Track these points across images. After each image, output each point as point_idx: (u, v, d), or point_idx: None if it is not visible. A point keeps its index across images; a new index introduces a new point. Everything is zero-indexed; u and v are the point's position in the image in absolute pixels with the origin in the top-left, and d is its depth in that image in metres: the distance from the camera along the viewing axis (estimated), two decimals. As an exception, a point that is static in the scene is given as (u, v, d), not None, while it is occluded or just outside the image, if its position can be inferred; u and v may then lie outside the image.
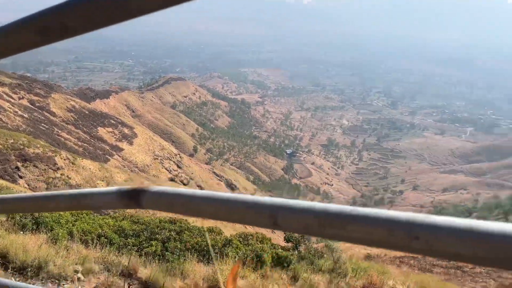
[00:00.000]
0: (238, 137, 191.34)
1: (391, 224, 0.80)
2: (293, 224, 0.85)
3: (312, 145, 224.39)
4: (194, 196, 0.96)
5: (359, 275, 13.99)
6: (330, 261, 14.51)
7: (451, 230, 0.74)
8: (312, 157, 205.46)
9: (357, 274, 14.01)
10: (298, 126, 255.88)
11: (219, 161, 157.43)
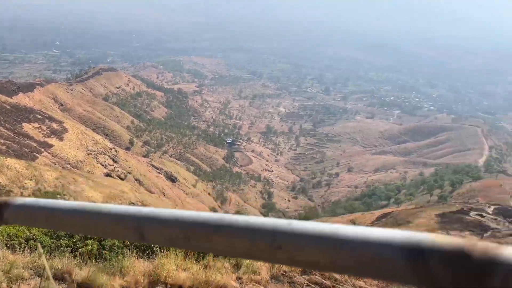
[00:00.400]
0: (176, 127, 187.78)
1: (254, 234, 0.79)
2: (159, 237, 0.82)
3: (251, 133, 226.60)
4: (57, 209, 0.85)
5: (299, 257, 14.49)
6: (272, 246, 14.86)
7: (312, 238, 0.73)
8: (252, 145, 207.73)
9: (297, 256, 14.49)
10: (237, 114, 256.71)
11: (158, 153, 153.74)
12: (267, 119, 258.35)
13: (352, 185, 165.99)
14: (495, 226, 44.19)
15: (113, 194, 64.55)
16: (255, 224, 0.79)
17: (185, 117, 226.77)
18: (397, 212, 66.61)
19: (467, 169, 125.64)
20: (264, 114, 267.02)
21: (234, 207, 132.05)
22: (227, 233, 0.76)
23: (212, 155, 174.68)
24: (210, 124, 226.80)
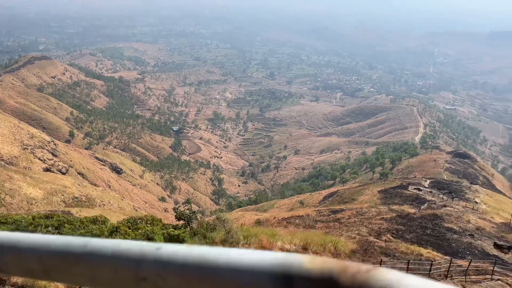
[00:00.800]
0: (120, 117, 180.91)
1: (118, 261, 0.69)
2: (17, 269, 0.72)
3: (198, 120, 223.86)
4: None
5: (250, 241, 14.72)
6: (222, 232, 14.95)
7: (178, 265, 0.68)
8: (199, 132, 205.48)
9: (248, 240, 14.71)
10: (183, 101, 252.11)
11: (101, 145, 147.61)
12: (214, 105, 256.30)
13: (300, 167, 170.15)
14: (431, 198, 47.39)
15: (54, 189, 61.34)
16: (121, 250, 0.69)
17: (128, 106, 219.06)
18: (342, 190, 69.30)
19: (405, 147, 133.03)
20: (210, 100, 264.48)
21: (184, 195, 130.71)
22: (90, 262, 0.66)
23: (158, 144, 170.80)
24: (155, 112, 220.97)
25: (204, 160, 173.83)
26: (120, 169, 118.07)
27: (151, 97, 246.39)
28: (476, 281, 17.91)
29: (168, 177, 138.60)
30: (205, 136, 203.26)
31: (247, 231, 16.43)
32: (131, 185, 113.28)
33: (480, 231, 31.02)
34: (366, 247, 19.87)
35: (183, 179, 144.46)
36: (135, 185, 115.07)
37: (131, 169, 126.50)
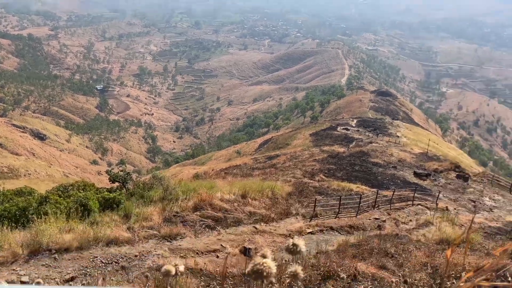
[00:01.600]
0: (35, 79, 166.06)
1: None
2: None
3: (123, 76, 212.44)
4: None
5: (190, 196, 14.77)
6: (160, 190, 14.81)
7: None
8: (126, 90, 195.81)
9: (187, 195, 14.75)
10: (104, 58, 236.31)
11: (17, 111, 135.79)
12: (139, 59, 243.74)
13: (234, 118, 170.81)
14: (358, 136, 50.37)
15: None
16: None
17: (43, 66, 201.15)
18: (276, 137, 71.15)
19: (332, 89, 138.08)
20: (134, 54, 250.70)
21: (117, 157, 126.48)
22: None
23: (83, 105, 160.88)
24: (74, 71, 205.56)
25: (135, 118, 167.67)
26: (43, 135, 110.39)
27: (68, 55, 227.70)
28: (399, 208, 19.78)
29: (97, 139, 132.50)
30: (132, 93, 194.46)
31: (185, 186, 16.42)
32: (58, 150, 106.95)
33: (402, 163, 33.85)
34: (301, 189, 20.89)
35: (114, 140, 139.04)
36: (62, 151, 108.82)
37: (56, 134, 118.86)
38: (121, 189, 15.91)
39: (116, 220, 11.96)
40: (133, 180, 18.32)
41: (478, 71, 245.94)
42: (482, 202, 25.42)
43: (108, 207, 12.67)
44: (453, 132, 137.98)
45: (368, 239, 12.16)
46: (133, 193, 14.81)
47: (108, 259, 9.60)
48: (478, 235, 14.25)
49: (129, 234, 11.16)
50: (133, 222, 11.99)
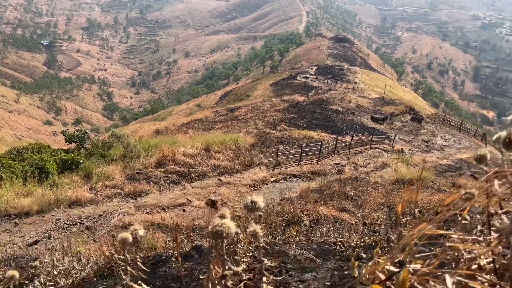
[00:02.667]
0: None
1: None
2: None
3: (71, 30, 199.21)
4: None
5: (151, 152, 14.59)
6: (120, 148, 14.50)
7: None
8: (75, 44, 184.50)
9: (149, 152, 14.55)
10: (47, 10, 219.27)
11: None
12: (86, 11, 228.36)
13: (192, 70, 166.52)
14: (317, 84, 50.80)
15: None
16: None
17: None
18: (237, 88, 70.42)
19: (291, 37, 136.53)
20: (80, 5, 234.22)
21: (72, 116, 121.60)
22: None
23: (29, 63, 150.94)
24: (15, 26, 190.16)
25: (87, 75, 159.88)
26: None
27: (7, 8, 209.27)
28: (358, 152, 20.55)
29: (49, 98, 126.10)
30: (82, 48, 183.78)
31: (146, 143, 16.16)
32: (7, 112, 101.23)
33: (360, 108, 34.74)
34: (263, 139, 21.13)
35: (67, 98, 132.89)
36: (11, 112, 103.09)
37: (2, 95, 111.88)
38: (79, 150, 15.44)
39: (76, 181, 11.70)
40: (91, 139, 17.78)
41: (431, 13, 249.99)
42: (434, 142, 26.85)
43: (67, 168, 12.33)
44: (408, 76, 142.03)
45: (329, 184, 12.64)
46: (93, 152, 14.42)
47: (72, 221, 9.49)
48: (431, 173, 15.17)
49: (91, 194, 11.00)
50: (95, 182, 11.79)
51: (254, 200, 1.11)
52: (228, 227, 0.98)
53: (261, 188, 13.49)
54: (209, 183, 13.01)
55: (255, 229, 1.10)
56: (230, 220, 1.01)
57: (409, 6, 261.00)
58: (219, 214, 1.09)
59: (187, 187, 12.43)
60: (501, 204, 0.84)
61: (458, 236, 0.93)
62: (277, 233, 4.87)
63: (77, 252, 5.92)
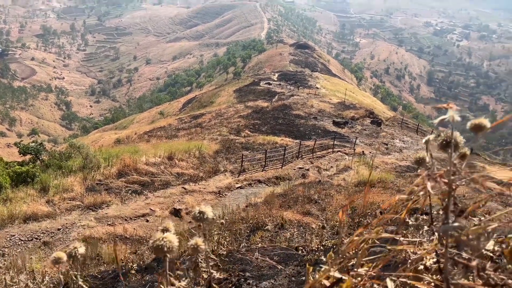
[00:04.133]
0: None
1: None
2: None
3: (24, 37, 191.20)
4: None
5: (112, 162, 14.19)
6: (79, 159, 14.01)
7: None
8: (29, 52, 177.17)
9: (109, 162, 14.15)
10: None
11: None
12: (41, 18, 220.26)
13: (154, 77, 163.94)
14: (280, 90, 51.36)
15: None
16: None
17: None
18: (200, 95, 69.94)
19: (253, 44, 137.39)
20: (35, 12, 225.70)
21: (28, 126, 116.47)
22: None
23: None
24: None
25: (43, 84, 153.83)
26: None
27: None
28: (321, 156, 20.90)
29: (2, 108, 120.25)
30: (37, 55, 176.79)
31: (107, 153, 15.71)
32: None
33: (322, 113, 35.41)
34: (228, 146, 21.07)
35: (22, 109, 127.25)
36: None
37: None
38: (35, 162, 14.78)
39: (32, 194, 11.19)
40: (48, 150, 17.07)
41: (387, 21, 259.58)
42: (394, 144, 27.76)
43: (22, 181, 11.77)
44: (367, 81, 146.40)
45: (293, 188, 12.77)
46: (49, 164, 13.85)
47: (27, 236, 9.06)
48: (391, 174, 15.65)
49: (49, 207, 10.54)
50: (52, 195, 11.31)
51: (202, 211, 1.07)
52: (169, 241, 0.94)
53: (227, 195, 13.42)
54: (173, 192, 12.80)
55: (196, 242, 1.06)
56: (172, 234, 0.96)
57: (366, 13, 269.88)
58: (161, 227, 1.03)
59: (150, 197, 12.18)
60: (443, 203, 0.86)
61: (401, 238, 0.95)
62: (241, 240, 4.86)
63: (32, 269, 5.65)
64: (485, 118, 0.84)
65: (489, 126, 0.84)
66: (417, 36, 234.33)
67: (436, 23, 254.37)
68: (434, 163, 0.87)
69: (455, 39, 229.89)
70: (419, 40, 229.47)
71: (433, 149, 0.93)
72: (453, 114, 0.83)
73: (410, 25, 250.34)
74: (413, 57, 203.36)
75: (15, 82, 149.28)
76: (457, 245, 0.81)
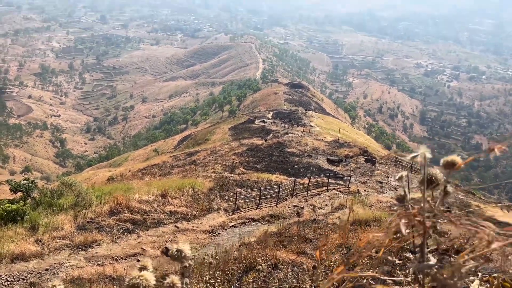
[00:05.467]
0: None
1: None
2: None
3: (23, 76, 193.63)
4: None
5: (104, 200, 14.01)
6: (71, 196, 13.84)
7: None
8: (27, 90, 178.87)
9: (102, 200, 13.97)
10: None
11: None
12: (40, 57, 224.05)
13: (150, 115, 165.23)
14: (275, 128, 51.86)
15: None
16: None
17: None
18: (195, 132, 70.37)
19: (248, 83, 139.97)
20: (34, 52, 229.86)
21: (21, 164, 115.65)
22: None
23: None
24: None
25: (39, 121, 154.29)
26: None
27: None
28: (316, 194, 20.80)
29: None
30: (34, 94, 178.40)
31: (99, 190, 15.55)
32: None
33: (316, 151, 35.59)
34: (222, 183, 20.96)
35: (16, 146, 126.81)
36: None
37: None
38: (26, 199, 14.56)
39: (21, 233, 10.94)
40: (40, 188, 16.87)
41: (379, 62, 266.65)
42: (388, 182, 27.75)
43: (11, 220, 11.54)
44: (360, 120, 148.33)
45: (288, 227, 12.60)
46: (40, 202, 13.65)
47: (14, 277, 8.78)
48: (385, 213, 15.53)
49: (37, 247, 10.28)
50: (42, 234, 11.07)
51: (179, 249, 1.02)
52: (146, 279, 0.90)
53: (220, 234, 13.21)
54: (165, 231, 12.58)
55: (172, 281, 1.01)
56: (150, 272, 0.93)
57: (358, 54, 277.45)
58: (139, 265, 0.99)
59: (142, 236, 11.95)
60: (414, 243, 0.83)
61: (384, 277, 0.92)
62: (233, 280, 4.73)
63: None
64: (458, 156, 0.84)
65: (461, 162, 0.82)
66: (408, 77, 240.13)
67: (426, 64, 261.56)
68: (408, 200, 0.86)
69: (446, 80, 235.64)
70: (411, 81, 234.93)
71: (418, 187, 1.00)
72: (425, 151, 0.83)
73: (401, 66, 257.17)
74: (405, 97, 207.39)
75: (11, 119, 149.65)
76: (436, 285, 0.79)
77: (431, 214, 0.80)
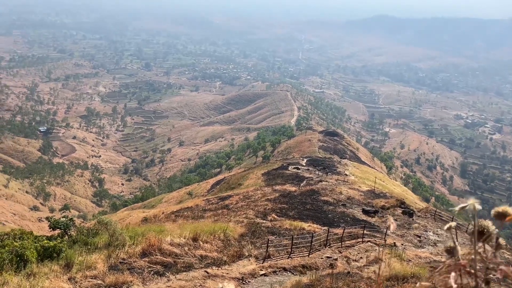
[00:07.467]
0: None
1: None
2: None
3: (69, 118, 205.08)
4: None
5: (137, 241, 14.14)
6: (106, 236, 14.07)
7: None
8: (72, 131, 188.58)
9: (135, 241, 14.11)
10: (49, 99, 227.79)
11: None
12: (86, 101, 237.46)
13: (186, 158, 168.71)
14: (308, 175, 51.43)
15: None
16: None
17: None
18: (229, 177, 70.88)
19: (283, 130, 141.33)
20: (82, 95, 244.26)
21: (60, 201, 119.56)
22: None
23: (24, 148, 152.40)
24: (15, 112, 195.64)
25: (80, 161, 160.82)
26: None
27: (10, 96, 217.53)
28: (350, 245, 20.08)
29: (39, 183, 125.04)
30: (79, 134, 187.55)
31: (133, 231, 15.74)
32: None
33: (351, 200, 34.74)
34: (254, 229, 20.71)
35: (57, 184, 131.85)
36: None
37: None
38: (63, 237, 14.94)
39: (56, 270, 11.13)
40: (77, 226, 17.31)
41: (416, 112, 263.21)
42: (427, 237, 26.44)
43: (48, 256, 11.81)
44: (397, 170, 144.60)
45: (320, 279, 12.15)
46: (76, 240, 13.95)
47: (45, 315, 8.84)
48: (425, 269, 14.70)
49: (70, 285, 10.40)
50: (75, 272, 11.21)
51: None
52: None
53: (250, 282, 12.89)
54: (195, 275, 12.43)
55: None
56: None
57: (395, 104, 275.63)
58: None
59: (172, 279, 11.85)
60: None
61: None
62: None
63: None
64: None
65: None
66: (447, 128, 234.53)
67: (466, 116, 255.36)
68: (458, 251, 0.81)
69: (488, 132, 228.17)
70: (450, 132, 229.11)
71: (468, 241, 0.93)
72: (474, 202, 0.80)
73: (440, 117, 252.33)
74: (444, 148, 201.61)
75: (55, 158, 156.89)
76: None
77: (483, 266, 0.74)
